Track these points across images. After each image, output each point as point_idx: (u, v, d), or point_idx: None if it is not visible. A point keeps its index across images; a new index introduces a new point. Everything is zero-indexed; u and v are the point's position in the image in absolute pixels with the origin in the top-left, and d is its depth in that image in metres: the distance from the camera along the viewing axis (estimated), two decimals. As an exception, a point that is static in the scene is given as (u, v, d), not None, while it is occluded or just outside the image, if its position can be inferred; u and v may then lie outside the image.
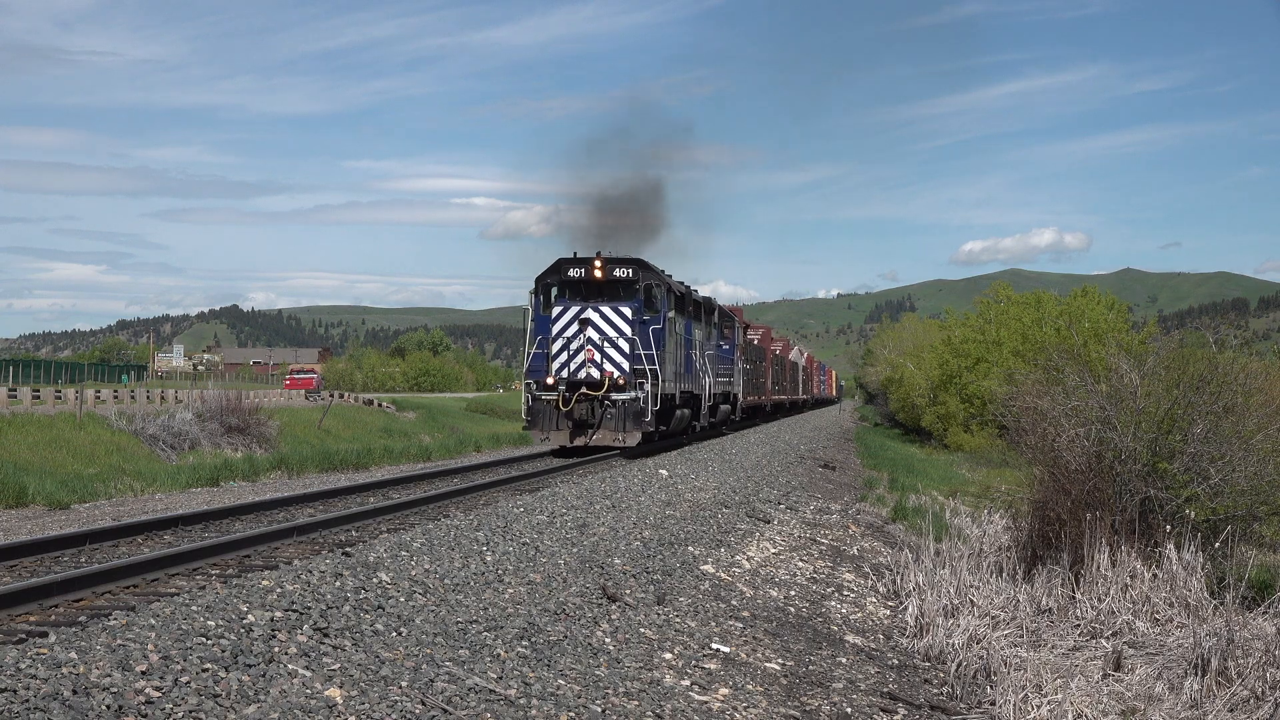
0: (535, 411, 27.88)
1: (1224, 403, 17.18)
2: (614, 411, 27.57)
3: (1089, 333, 43.93)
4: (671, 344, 29.81)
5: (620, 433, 27.55)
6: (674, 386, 30.19)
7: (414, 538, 12.06)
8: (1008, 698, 10.42)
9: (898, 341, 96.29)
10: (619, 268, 28.63)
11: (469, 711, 6.98)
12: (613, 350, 27.71)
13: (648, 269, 28.86)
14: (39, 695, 5.96)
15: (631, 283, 28.66)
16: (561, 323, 27.97)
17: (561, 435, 27.90)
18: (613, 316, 27.83)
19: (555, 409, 27.61)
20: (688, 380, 32.90)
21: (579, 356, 27.75)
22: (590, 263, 28.67)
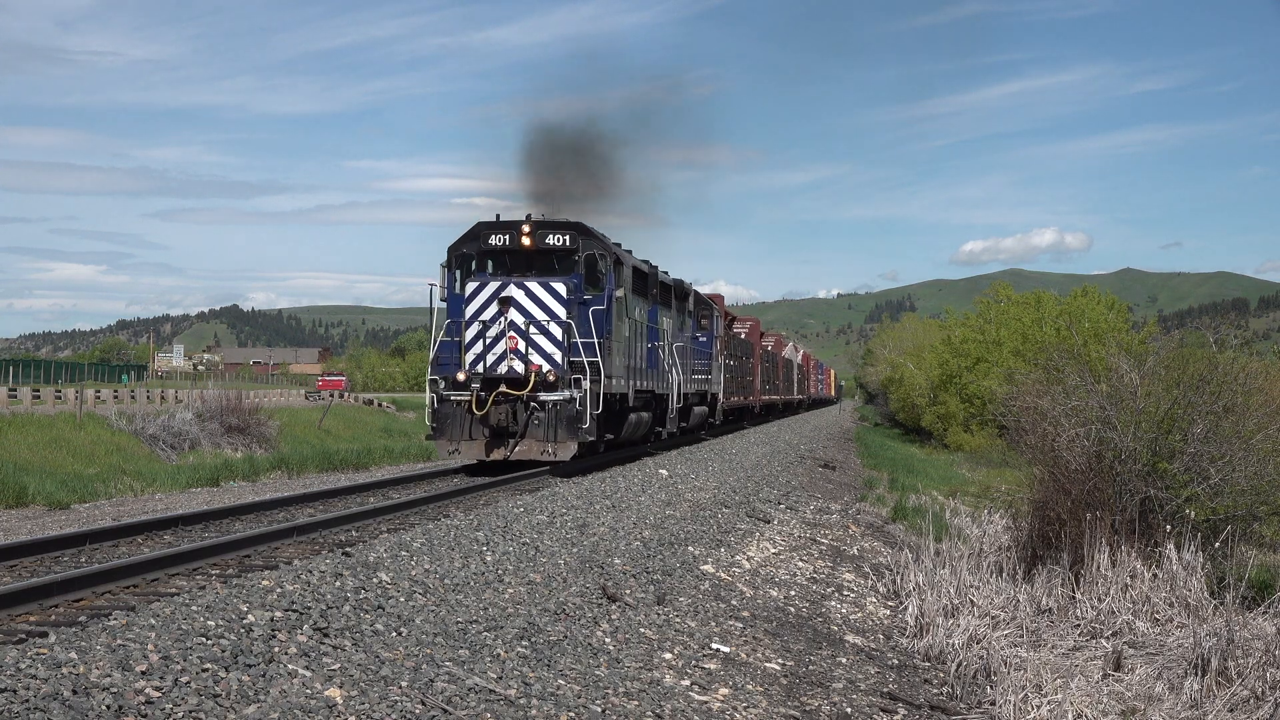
0: (442, 417, 22.00)
1: (1224, 403, 17.19)
2: (542, 416, 21.75)
3: (1089, 333, 43.94)
4: (623, 331, 24.38)
5: (549, 443, 21.72)
6: (626, 383, 24.70)
7: (414, 538, 12.06)
8: (1008, 698, 10.42)
9: (898, 341, 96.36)
10: (553, 233, 23.06)
11: (469, 711, 6.98)
12: (542, 338, 21.97)
13: (589, 235, 23.21)
14: (39, 695, 5.96)
15: (568, 253, 23.05)
16: (477, 302, 22.19)
17: (475, 448, 21.98)
18: (543, 295, 22.06)
19: (468, 414, 21.76)
20: (649, 377, 27.40)
21: (498, 346, 21.97)
22: (517, 227, 23.05)
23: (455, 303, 22.68)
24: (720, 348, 40.66)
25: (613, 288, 23.26)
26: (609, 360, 22.84)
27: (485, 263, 23.14)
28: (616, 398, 24.20)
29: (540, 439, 21.78)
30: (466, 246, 23.33)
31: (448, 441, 21.94)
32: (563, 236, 23.06)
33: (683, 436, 34.50)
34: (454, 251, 23.44)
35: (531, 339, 21.97)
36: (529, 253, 23.05)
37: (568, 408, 21.77)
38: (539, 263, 23.06)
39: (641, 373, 26.48)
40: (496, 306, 22.02)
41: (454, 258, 23.42)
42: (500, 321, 22.01)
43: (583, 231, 23.22)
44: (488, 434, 21.84)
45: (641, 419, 26.84)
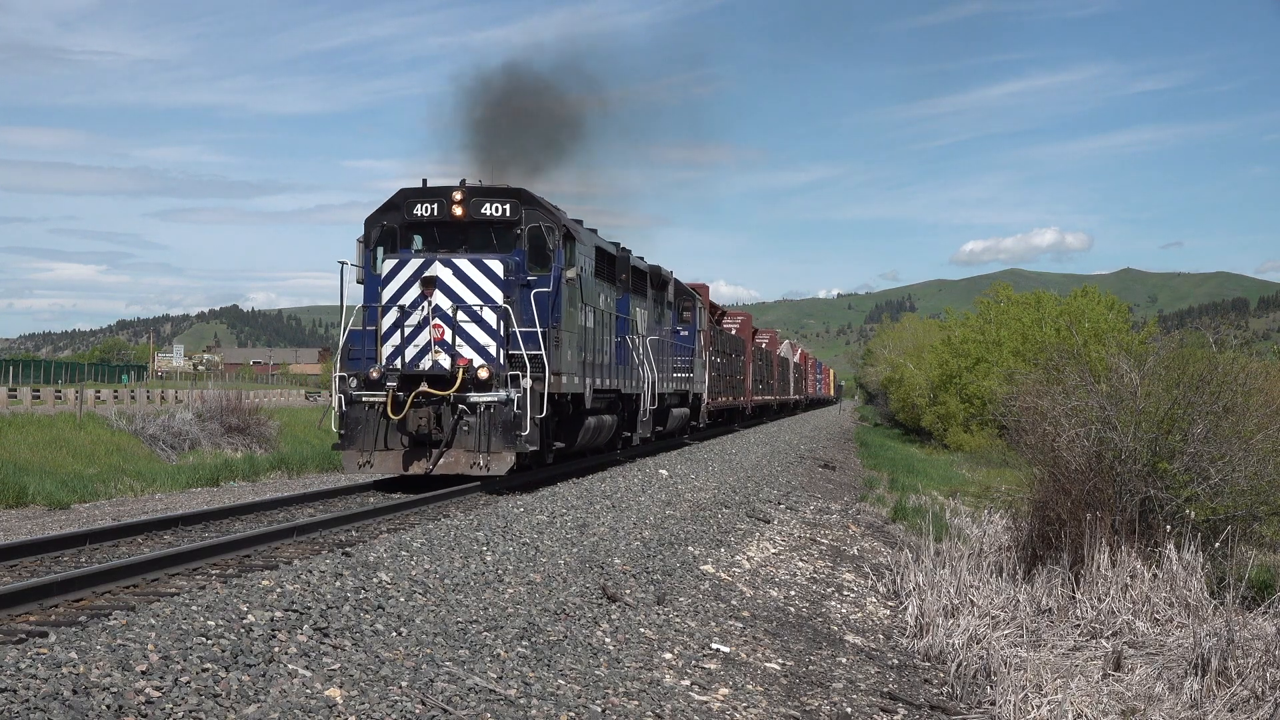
0: (351, 422, 18.42)
1: (1224, 403, 17.19)
2: (472, 421, 18.21)
3: (1089, 333, 43.94)
4: (577, 319, 20.98)
5: (480, 454, 18.19)
6: (581, 381, 21.17)
7: (414, 537, 12.07)
8: (1008, 698, 10.42)
9: (898, 341, 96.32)
10: (490, 202, 19.56)
11: (469, 711, 6.98)
12: (473, 326, 18.49)
13: (534, 205, 19.73)
14: (39, 695, 5.96)
15: (509, 225, 19.59)
16: (396, 284, 18.60)
17: (391, 459, 18.46)
18: (474, 274, 18.49)
19: (382, 418, 18.30)
20: (616, 374, 24.16)
21: (421, 336, 18.46)
22: (446, 195, 19.61)
23: (373, 285, 19.17)
24: (705, 343, 37.62)
25: (562, 266, 19.73)
26: (557, 353, 19.26)
27: (410, 238, 19.75)
28: (568, 399, 20.69)
29: (470, 449, 18.21)
30: (387, 218, 19.84)
31: (358, 452, 18.36)
32: (502, 206, 19.50)
33: (659, 442, 31.10)
34: (372, 224, 19.91)
35: (460, 328, 18.42)
36: (462, 225, 19.58)
37: (504, 411, 18.21)
38: (474, 237, 19.59)
39: (605, 369, 23.25)
40: (418, 289, 18.41)
41: (372, 232, 19.86)
42: (423, 307, 18.40)
43: (526, 200, 19.68)
44: (407, 443, 18.34)
45: (603, 423, 23.38)
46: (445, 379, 18.28)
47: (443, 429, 18.20)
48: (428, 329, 18.44)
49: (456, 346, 18.39)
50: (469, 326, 18.50)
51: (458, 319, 18.43)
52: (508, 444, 18.24)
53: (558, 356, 19.31)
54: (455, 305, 18.41)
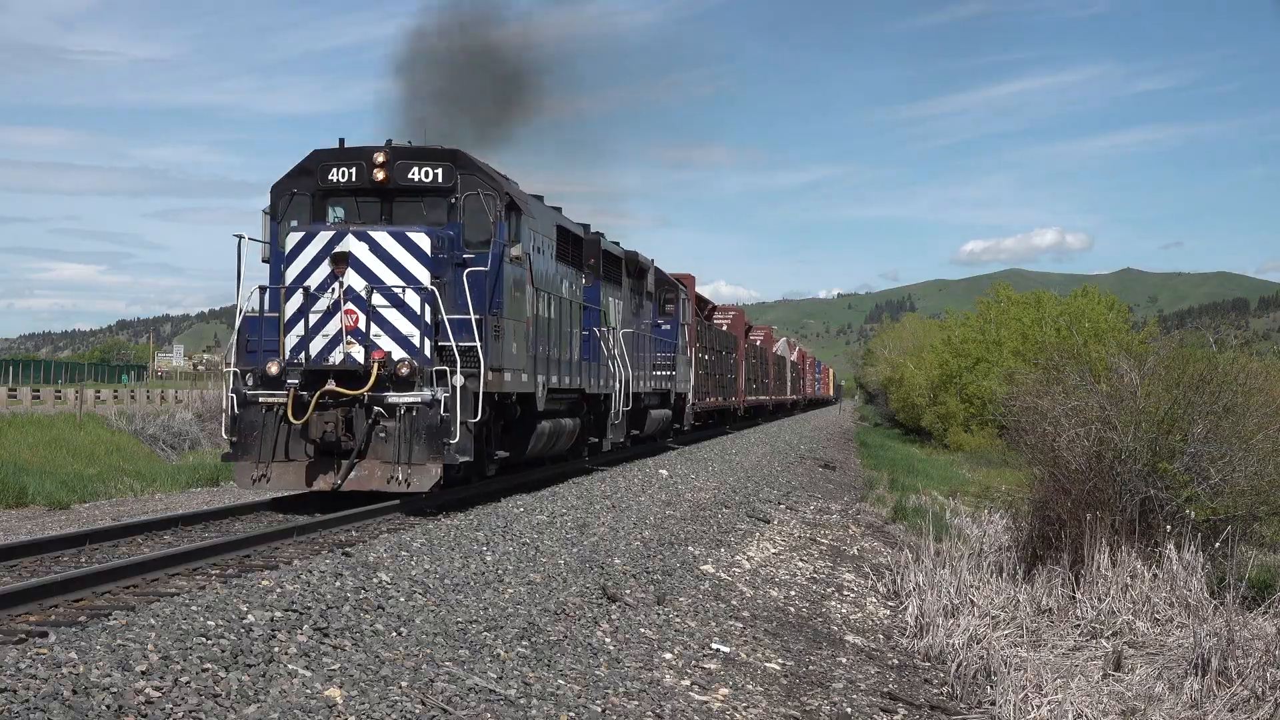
0: (245, 428, 15.52)
1: (1224, 403, 17.19)
2: (390, 427, 15.28)
3: (1089, 333, 43.94)
4: (525, 306, 17.81)
5: (399, 465, 15.26)
6: (532, 379, 18.19)
7: (414, 537, 12.07)
8: (1008, 698, 10.42)
9: (898, 341, 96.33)
10: (419, 165, 16.71)
11: (469, 711, 6.98)
12: (393, 312, 15.64)
13: (472, 169, 16.82)
14: (39, 695, 5.96)
15: (442, 193, 16.73)
16: (302, 261, 15.74)
17: (292, 472, 15.50)
18: (394, 250, 15.66)
19: (282, 423, 15.36)
20: (581, 372, 21.52)
21: (330, 324, 15.58)
22: (367, 156, 16.70)
23: (278, 264, 16.28)
24: (690, 338, 35.00)
25: (506, 243, 16.60)
26: (498, 345, 16.28)
27: (325, 208, 16.95)
28: (513, 400, 17.63)
29: (387, 460, 15.29)
30: (297, 184, 16.90)
31: (252, 464, 15.43)
32: (433, 170, 16.61)
33: (636, 447, 28.05)
34: (280, 193, 16.96)
35: (378, 314, 15.56)
36: (385, 192, 16.74)
37: (428, 414, 15.23)
38: (401, 207, 16.78)
39: (567, 366, 20.50)
40: (328, 267, 15.57)
41: (280, 201, 16.92)
42: (333, 289, 15.54)
43: (463, 164, 16.77)
44: (312, 453, 15.38)
45: (562, 428, 20.38)
46: (358, 375, 15.29)
47: (354, 436, 15.23)
48: (338, 316, 15.51)
49: (373, 336, 15.48)
50: (388, 313, 15.59)
51: (374, 303, 15.50)
52: (432, 454, 15.23)
53: (498, 349, 16.30)
54: (371, 287, 15.47)
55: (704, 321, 41.27)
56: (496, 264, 16.46)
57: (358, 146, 16.93)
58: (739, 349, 48.60)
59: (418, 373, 15.37)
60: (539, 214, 19.02)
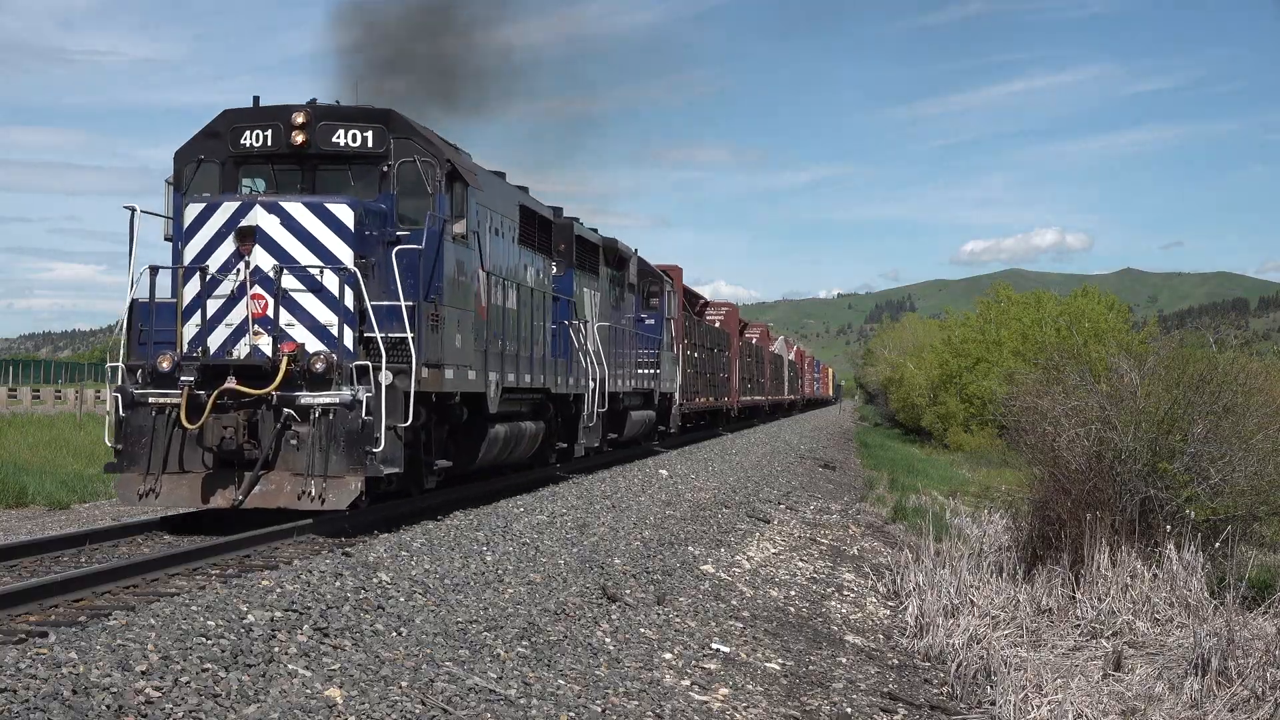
0: (131, 432, 13.25)
1: (1224, 403, 17.20)
2: (302, 432, 12.95)
3: (1089, 333, 43.94)
4: (472, 292, 15.62)
5: (312, 478, 12.86)
6: (481, 376, 15.92)
7: (414, 537, 12.08)
8: (1008, 698, 10.42)
9: (898, 341, 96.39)
10: (344, 127, 14.43)
11: (469, 711, 6.98)
12: (309, 297, 13.36)
13: (408, 133, 14.57)
14: (39, 695, 5.96)
15: (371, 160, 14.50)
16: (203, 238, 13.49)
17: (185, 487, 13.17)
18: (311, 224, 13.39)
19: (175, 427, 13.01)
20: (547, 368, 19.27)
21: (234, 311, 13.37)
22: (284, 117, 14.45)
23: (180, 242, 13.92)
24: (678, 334, 33.11)
25: (447, 218, 14.52)
26: (436, 337, 14.08)
27: (237, 178, 14.71)
28: (456, 400, 15.27)
29: (298, 471, 12.88)
30: (205, 149, 14.64)
31: (139, 476, 13.13)
32: (361, 133, 14.39)
33: (615, 452, 25.70)
34: (185, 159, 14.73)
35: (290, 299, 13.30)
36: (307, 159, 14.51)
37: (348, 417, 12.85)
38: (325, 176, 14.61)
39: (529, 362, 18.24)
40: (233, 244, 13.32)
41: (185, 170, 14.69)
42: (239, 270, 13.29)
43: (397, 127, 14.54)
44: (211, 463, 13.07)
45: (521, 432, 18.00)
46: (264, 372, 12.97)
47: (259, 443, 12.89)
48: (244, 301, 13.27)
49: (284, 326, 13.24)
50: (303, 298, 13.30)
51: (286, 286, 13.25)
52: (353, 464, 12.81)
53: (436, 341, 14.03)
54: (282, 266, 13.21)
55: (694, 317, 39.47)
56: (435, 243, 14.16)
57: (275, 105, 14.63)
58: (732, 346, 46.52)
59: (335, 368, 12.96)
60: (495, 190, 16.95)
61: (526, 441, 18.45)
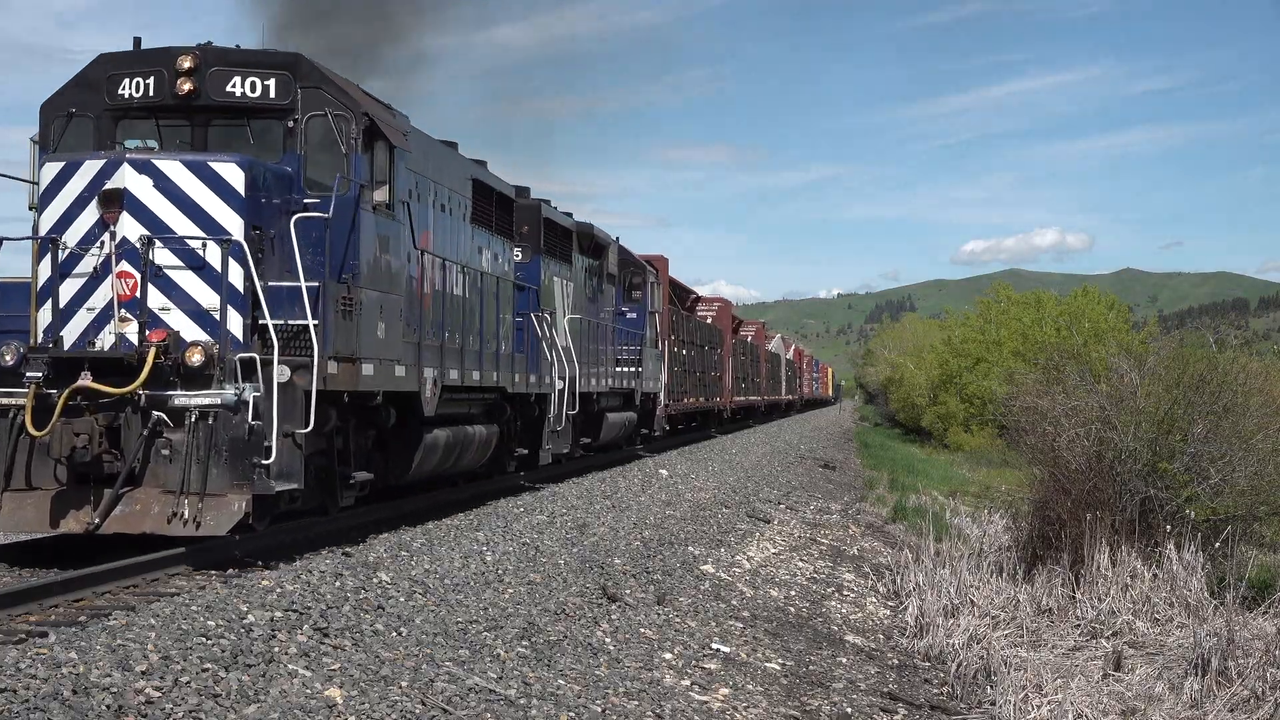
0: None
1: (1224, 403, 17.21)
2: (176, 441, 10.55)
3: (1089, 333, 43.94)
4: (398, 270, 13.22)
5: (186, 496, 10.44)
6: (414, 373, 13.50)
7: (414, 537, 12.09)
8: (1008, 698, 10.43)
9: (898, 341, 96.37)
10: (241, 74, 12.15)
11: (469, 711, 6.98)
12: (187, 275, 11.10)
13: (318, 82, 12.24)
14: (39, 695, 5.96)
15: (275, 114, 12.23)
16: (61, 205, 11.21)
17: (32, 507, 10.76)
18: (189, 186, 11.12)
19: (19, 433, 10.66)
20: (503, 365, 16.86)
21: (97, 293, 11.08)
22: (168, 62, 12.12)
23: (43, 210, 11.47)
24: (663, 329, 31.05)
25: (365, 183, 12.28)
26: (351, 325, 11.75)
27: (113, 135, 12.28)
28: (378, 401, 12.79)
29: (170, 488, 10.46)
30: (77, 100, 12.31)
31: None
32: (262, 81, 12.08)
33: (591, 457, 23.57)
34: (53, 112, 12.38)
35: (164, 277, 10.99)
36: (197, 111, 12.11)
37: (231, 422, 10.42)
38: (219, 133, 12.23)
39: (476, 357, 15.83)
40: (96, 211, 11.01)
41: (54, 124, 12.36)
42: (103, 242, 10.97)
43: (305, 75, 12.21)
44: (65, 477, 10.65)
45: (468, 439, 15.50)
46: (128, 366, 10.55)
47: (121, 454, 10.54)
48: (109, 281, 10.93)
49: (156, 310, 10.90)
50: (180, 276, 11.01)
51: (158, 262, 10.93)
52: (236, 480, 10.40)
53: (350, 330, 11.70)
54: (154, 238, 10.89)
55: (682, 312, 37.43)
56: (349, 212, 11.89)
57: (159, 49, 12.35)
58: (725, 344, 43.94)
59: (218, 362, 10.55)
60: (439, 160, 14.86)
61: (476, 448, 15.97)
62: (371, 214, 12.42)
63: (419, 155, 13.94)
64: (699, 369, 38.30)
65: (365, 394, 12.41)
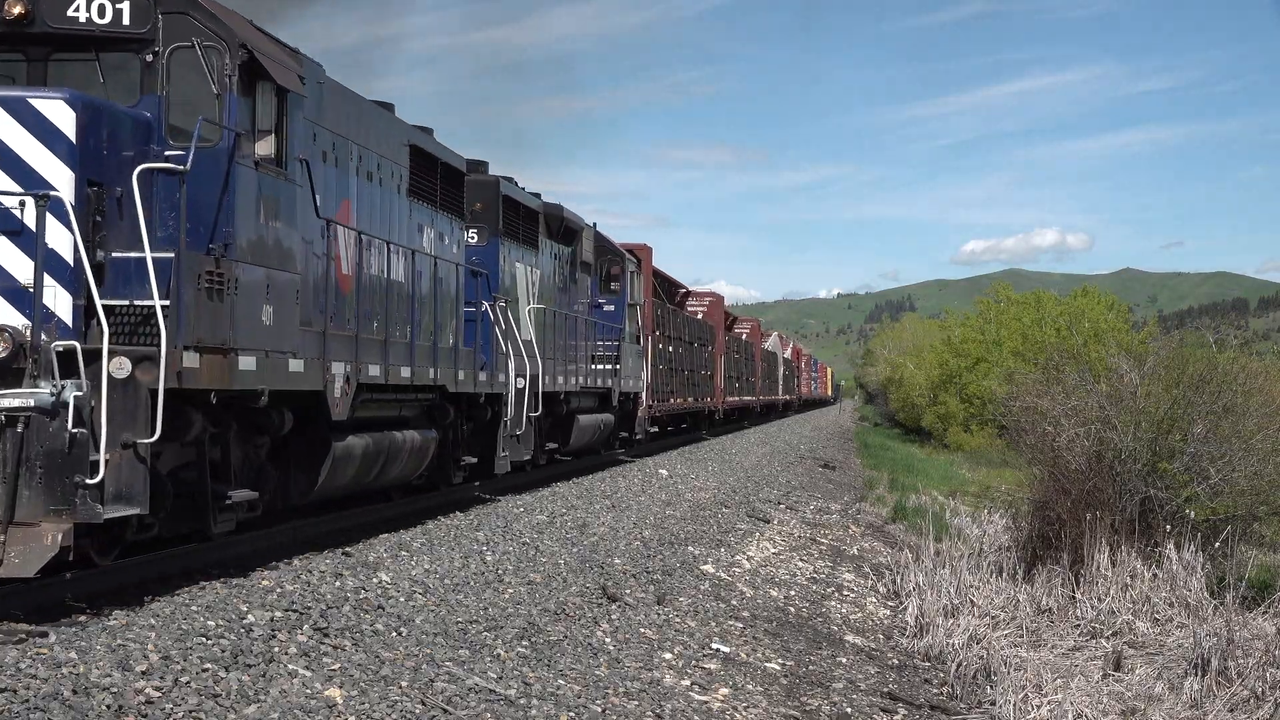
0: None
1: (1224, 403, 17.22)
2: None
3: (1089, 333, 43.95)
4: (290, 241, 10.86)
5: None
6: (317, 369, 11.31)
7: (414, 537, 12.08)
8: (1008, 698, 10.42)
9: (898, 341, 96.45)
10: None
11: (469, 711, 6.98)
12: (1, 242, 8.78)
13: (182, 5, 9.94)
14: (39, 695, 5.96)
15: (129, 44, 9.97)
16: None
17: None
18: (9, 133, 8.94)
19: None
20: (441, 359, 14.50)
21: None
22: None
23: None
24: (647, 324, 29.08)
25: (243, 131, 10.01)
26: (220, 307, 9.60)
27: None
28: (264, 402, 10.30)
29: None
30: None
31: None
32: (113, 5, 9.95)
33: (557, 464, 20.96)
34: None
35: None
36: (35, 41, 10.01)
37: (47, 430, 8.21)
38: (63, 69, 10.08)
39: (409, 352, 13.61)
40: None
41: None
42: None
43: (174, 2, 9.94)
44: None
45: (395, 447, 13.14)
46: None
47: None
48: None
49: None
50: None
51: None
52: (53, 504, 8.15)
53: (219, 313, 9.51)
54: None
55: (670, 306, 35.45)
56: (220, 166, 9.74)
57: None
58: (717, 341, 41.75)
59: (29, 353, 8.34)
60: (364, 118, 12.83)
61: (408, 457, 13.63)
62: (253, 171, 10.08)
63: (335, 111, 11.95)
64: (687, 367, 36.30)
65: (246, 394, 10.03)
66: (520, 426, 17.38)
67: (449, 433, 15.18)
